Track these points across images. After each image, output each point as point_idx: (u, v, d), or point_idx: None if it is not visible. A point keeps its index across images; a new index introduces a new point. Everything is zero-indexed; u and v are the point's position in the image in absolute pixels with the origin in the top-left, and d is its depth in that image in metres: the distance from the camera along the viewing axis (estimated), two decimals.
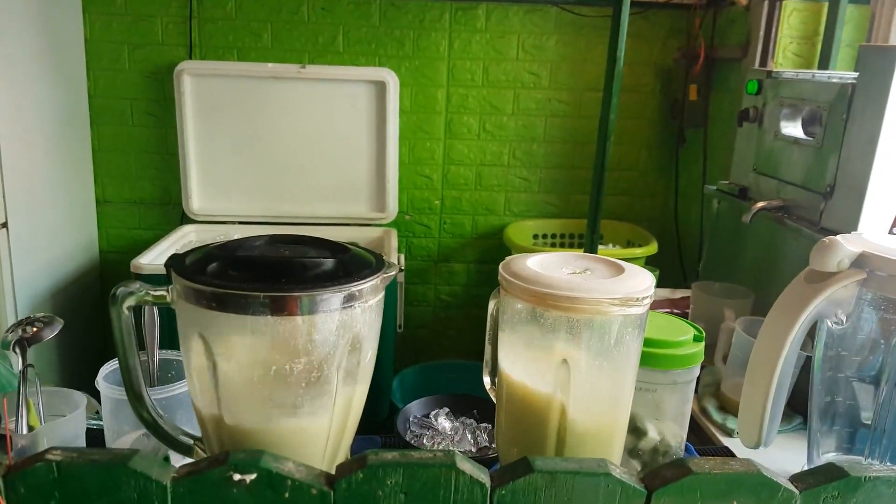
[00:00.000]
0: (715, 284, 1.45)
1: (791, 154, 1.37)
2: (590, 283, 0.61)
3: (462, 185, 2.42)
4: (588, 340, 0.62)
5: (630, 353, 0.64)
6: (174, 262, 0.62)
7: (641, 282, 0.62)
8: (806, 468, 0.84)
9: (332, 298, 0.59)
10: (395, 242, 2.16)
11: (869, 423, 0.75)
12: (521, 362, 0.67)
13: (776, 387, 0.66)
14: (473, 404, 1.08)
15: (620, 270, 0.64)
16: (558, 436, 0.64)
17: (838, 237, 0.66)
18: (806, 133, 1.36)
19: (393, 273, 0.65)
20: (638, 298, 0.60)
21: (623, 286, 0.61)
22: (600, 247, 1.91)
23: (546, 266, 0.66)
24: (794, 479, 0.55)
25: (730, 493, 0.53)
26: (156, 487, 0.51)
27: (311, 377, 0.60)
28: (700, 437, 1.18)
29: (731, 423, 1.17)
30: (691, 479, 0.53)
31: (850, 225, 1.17)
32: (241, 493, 0.52)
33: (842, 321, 0.68)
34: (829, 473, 0.55)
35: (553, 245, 2.41)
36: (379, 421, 1.99)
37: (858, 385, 0.76)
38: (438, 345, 2.58)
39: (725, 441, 1.13)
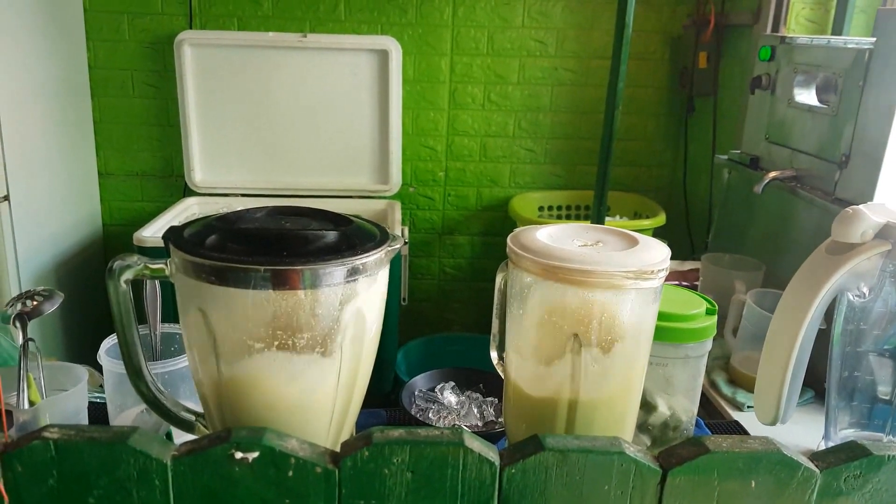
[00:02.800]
0: (725, 256, 1.43)
1: (805, 122, 1.33)
2: (602, 256, 0.59)
3: (466, 156, 2.39)
4: (600, 315, 0.60)
5: (643, 328, 0.62)
6: (172, 234, 0.60)
7: (656, 254, 0.60)
8: (822, 444, 0.83)
9: (336, 272, 0.57)
10: (398, 215, 2.14)
11: (886, 398, 0.73)
12: (531, 337, 0.65)
13: (795, 362, 0.64)
14: (479, 378, 1.07)
15: (634, 242, 0.62)
16: (568, 412, 0.63)
17: (861, 207, 0.63)
18: (820, 101, 1.33)
19: (398, 246, 0.62)
20: (653, 271, 0.58)
21: (637, 259, 0.59)
22: (607, 218, 1.88)
23: (556, 238, 0.64)
24: (815, 457, 0.53)
25: (748, 472, 0.52)
26: (156, 466, 0.50)
27: (314, 353, 0.58)
28: (709, 412, 1.17)
29: (740, 396, 1.16)
30: (708, 457, 0.51)
31: (866, 195, 1.14)
32: (243, 471, 0.50)
33: (864, 294, 0.66)
34: (851, 452, 0.53)
35: (559, 217, 2.38)
36: (383, 394, 1.98)
37: (877, 359, 0.74)
38: (443, 318, 2.57)
39: (735, 415, 1.12)
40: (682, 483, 0.52)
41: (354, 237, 0.60)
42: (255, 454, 0.50)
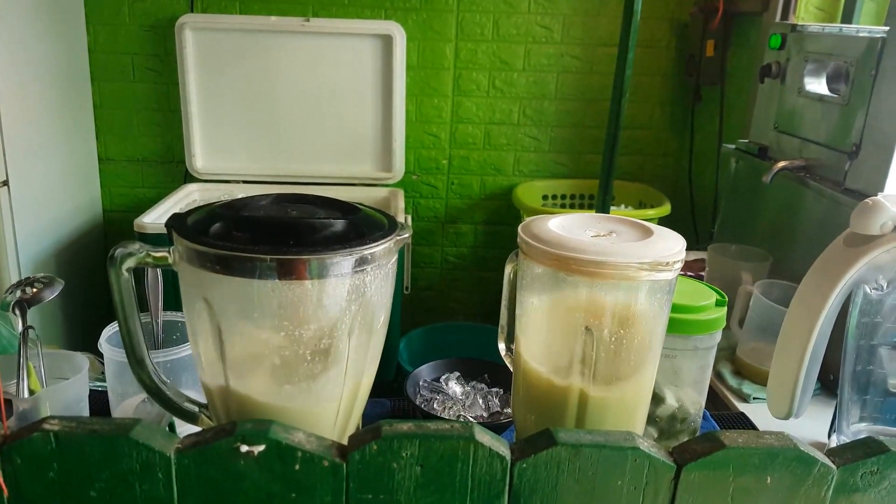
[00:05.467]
0: (731, 247, 1.41)
1: (815, 112, 1.32)
2: (616, 247, 0.58)
3: (470, 144, 2.37)
4: (613, 307, 0.59)
5: (657, 321, 0.61)
6: (175, 221, 0.58)
7: (671, 245, 0.58)
8: (834, 438, 0.82)
9: (343, 262, 0.55)
10: (401, 203, 2.12)
11: None
12: (541, 329, 0.64)
13: (810, 356, 0.63)
14: (484, 368, 1.06)
15: (648, 233, 0.61)
16: (579, 406, 0.62)
17: (880, 197, 0.62)
18: (831, 90, 1.31)
19: (407, 235, 0.61)
20: (668, 263, 0.56)
21: (652, 250, 0.57)
22: (612, 208, 1.86)
23: (568, 228, 0.62)
24: (831, 453, 0.52)
25: (763, 468, 0.51)
26: (159, 459, 0.49)
27: (320, 344, 0.57)
28: (715, 403, 1.16)
29: (746, 388, 1.15)
30: (723, 453, 0.50)
31: (877, 186, 1.13)
32: (248, 464, 0.49)
33: (882, 287, 0.65)
34: (868, 448, 0.52)
35: (563, 206, 2.36)
36: (386, 382, 1.98)
37: (889, 352, 0.73)
38: (445, 307, 2.56)
39: (741, 406, 1.11)
40: (697, 479, 0.51)
41: (362, 226, 0.59)
42: (261, 447, 0.49)
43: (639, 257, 0.56)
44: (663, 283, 0.59)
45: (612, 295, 0.58)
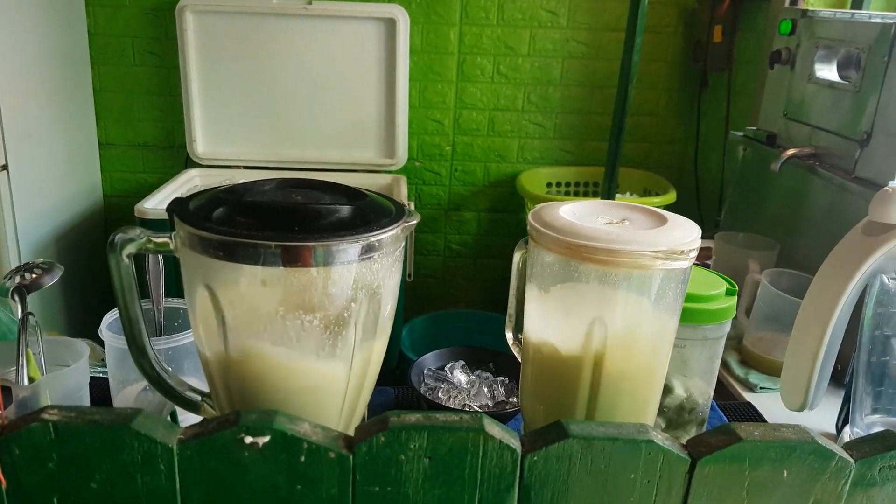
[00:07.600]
0: (739, 235, 1.40)
1: (825, 99, 1.30)
2: (630, 234, 0.56)
3: (474, 130, 2.34)
4: (626, 296, 0.57)
5: (671, 311, 0.60)
6: (177, 206, 0.57)
7: (687, 233, 0.57)
8: (849, 430, 0.81)
9: (350, 249, 0.54)
10: (404, 190, 2.10)
11: None
12: (551, 319, 0.62)
13: (827, 347, 0.62)
14: (489, 357, 1.05)
15: (663, 220, 0.59)
16: (590, 396, 0.60)
17: None
18: (841, 77, 1.29)
19: (414, 221, 0.60)
20: (683, 251, 0.55)
21: (667, 237, 0.56)
22: (617, 195, 1.85)
23: (580, 215, 0.61)
24: (848, 446, 0.51)
25: (780, 461, 0.50)
26: (161, 450, 0.48)
27: (326, 333, 0.56)
28: (721, 393, 1.15)
29: (753, 378, 1.14)
30: (739, 446, 0.49)
31: (888, 174, 1.12)
32: (253, 456, 0.48)
33: None
34: (887, 441, 0.51)
35: (567, 194, 2.34)
36: (388, 370, 1.97)
37: None
38: (447, 294, 2.54)
39: (748, 396, 1.10)
40: (712, 472, 0.50)
41: (369, 212, 0.57)
42: (266, 439, 0.48)
43: (653, 245, 0.55)
44: (678, 272, 0.57)
45: (626, 284, 0.57)
